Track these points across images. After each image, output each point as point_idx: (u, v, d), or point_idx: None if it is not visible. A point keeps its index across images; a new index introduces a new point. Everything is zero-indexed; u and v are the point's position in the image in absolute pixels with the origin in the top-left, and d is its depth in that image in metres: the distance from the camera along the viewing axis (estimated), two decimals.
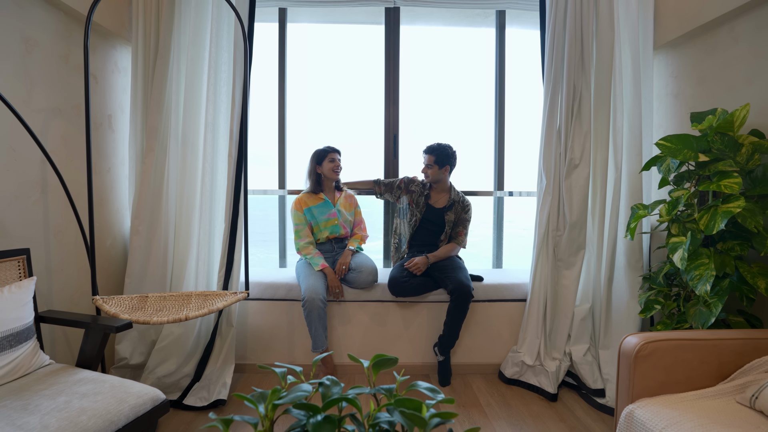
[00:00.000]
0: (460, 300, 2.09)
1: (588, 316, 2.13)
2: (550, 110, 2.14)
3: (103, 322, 1.25)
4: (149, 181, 2.00)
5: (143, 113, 2.05)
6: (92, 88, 1.92)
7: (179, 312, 1.59)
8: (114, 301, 1.62)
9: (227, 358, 2.05)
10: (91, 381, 1.11)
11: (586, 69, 2.08)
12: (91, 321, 1.26)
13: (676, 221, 1.56)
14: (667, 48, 2.11)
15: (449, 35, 2.93)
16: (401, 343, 2.32)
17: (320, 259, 2.20)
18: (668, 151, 1.52)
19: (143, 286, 2.02)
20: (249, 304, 2.29)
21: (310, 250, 2.23)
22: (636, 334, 1.24)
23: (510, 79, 2.71)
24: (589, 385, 2.01)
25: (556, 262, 2.17)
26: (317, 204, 2.28)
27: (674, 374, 1.17)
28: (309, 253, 2.22)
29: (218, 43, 2.05)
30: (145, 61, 2.04)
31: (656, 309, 1.69)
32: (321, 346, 2.07)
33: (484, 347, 2.33)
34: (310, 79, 2.84)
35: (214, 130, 2.05)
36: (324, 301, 2.05)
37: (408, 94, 2.73)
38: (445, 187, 2.39)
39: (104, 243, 2.02)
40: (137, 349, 2.01)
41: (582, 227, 2.10)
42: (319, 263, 2.18)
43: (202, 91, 2.09)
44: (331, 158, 2.29)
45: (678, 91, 2.06)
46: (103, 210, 2.01)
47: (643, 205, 1.68)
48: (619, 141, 2.05)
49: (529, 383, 2.13)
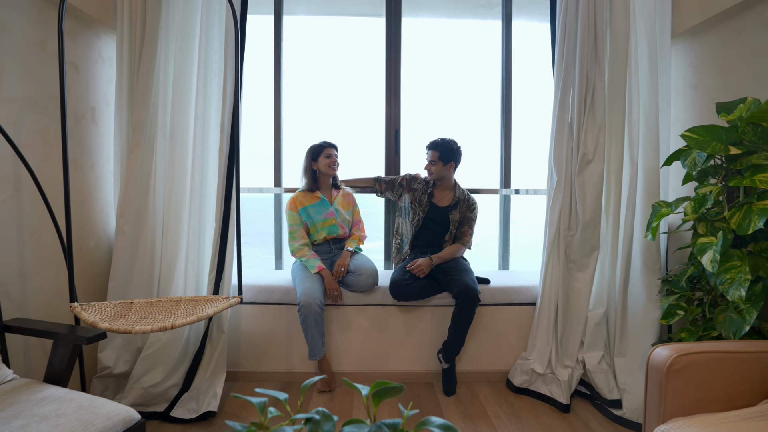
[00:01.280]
0: (466, 304, 1.96)
1: (602, 321, 2.00)
2: (562, 102, 2.01)
3: (72, 332, 1.13)
4: (135, 177, 1.88)
5: (129, 106, 1.93)
6: (73, 78, 1.79)
7: (165, 320, 1.47)
8: (94, 308, 1.49)
9: (218, 367, 1.92)
10: (56, 400, 0.98)
11: (600, 59, 1.96)
12: (59, 331, 1.14)
13: (703, 220, 1.43)
14: (686, 36, 1.99)
15: (453, 27, 2.81)
16: (403, 350, 2.19)
17: (316, 261, 2.07)
18: (695, 144, 1.39)
19: (128, 291, 1.89)
20: (243, 308, 2.16)
21: (305, 252, 2.10)
22: (665, 345, 1.11)
23: (517, 73, 2.59)
24: (605, 395, 1.88)
25: (567, 264, 2.04)
26: (313, 203, 2.16)
27: (711, 391, 1.04)
28: (304, 255, 2.09)
29: (209, 32, 1.93)
30: (130, 51, 1.91)
31: (679, 315, 1.56)
32: (318, 354, 1.95)
33: (491, 354, 2.20)
34: (307, 73, 2.73)
35: (204, 123, 1.93)
36: (321, 306, 1.93)
37: (410, 89, 2.61)
38: (450, 185, 2.26)
39: (87, 244, 1.89)
40: (122, 357, 1.88)
41: (595, 227, 1.98)
42: (316, 265, 2.05)
43: (191, 82, 1.96)
44: (327, 153, 2.17)
45: (698, 82, 1.93)
46: (86, 208, 1.88)
47: (666, 202, 1.56)
48: (635, 135, 1.92)
49: (540, 392, 2.01)
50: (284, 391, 2.05)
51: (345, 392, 2.05)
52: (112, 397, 1.86)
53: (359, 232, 2.28)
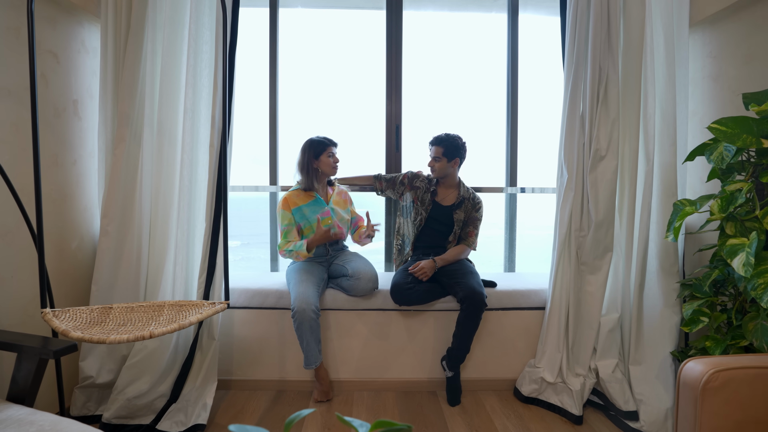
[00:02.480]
0: (471, 309, 1.84)
1: (616, 327, 1.88)
2: (573, 95, 1.90)
3: (38, 344, 1.01)
4: (120, 174, 1.76)
5: (114, 98, 1.81)
6: (53, 68, 1.68)
7: (144, 328, 1.35)
8: (68, 315, 1.38)
9: (208, 376, 1.81)
10: (16, 422, 0.87)
11: (614, 49, 1.84)
12: (23, 343, 1.02)
13: (732, 219, 1.32)
14: (704, 25, 1.88)
15: (456, 20, 2.70)
16: (405, 357, 2.08)
17: (301, 242, 1.93)
18: (724, 136, 1.28)
19: (113, 295, 1.78)
20: (235, 313, 2.05)
21: (290, 244, 1.95)
22: (699, 359, 1.00)
23: (523, 68, 2.48)
24: (620, 406, 1.76)
25: (579, 266, 1.93)
26: (308, 202, 2.03)
27: (753, 411, 0.93)
28: (290, 245, 1.95)
29: (199, 21, 1.82)
30: (116, 40, 1.80)
31: (703, 322, 1.45)
32: (314, 362, 1.83)
33: (498, 361, 2.08)
34: (304, 68, 2.62)
35: (193, 117, 1.81)
36: (316, 312, 1.81)
37: (411, 84, 2.50)
38: (454, 183, 2.15)
39: (69, 245, 1.78)
40: (105, 365, 1.77)
41: (609, 227, 1.86)
42: (302, 242, 1.92)
43: (180, 73, 1.85)
44: (330, 152, 2.04)
45: (718, 73, 1.82)
46: (68, 207, 1.77)
47: (689, 200, 1.44)
48: (650, 129, 1.81)
49: (550, 402, 1.89)
50: (278, 400, 1.94)
51: (343, 402, 1.94)
52: (95, 409, 1.75)
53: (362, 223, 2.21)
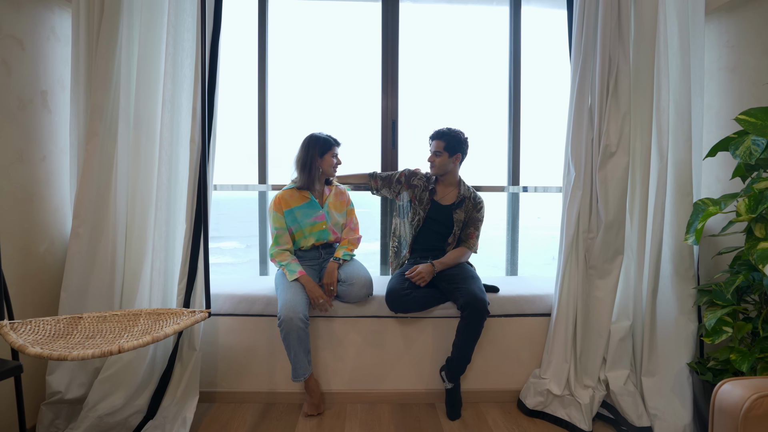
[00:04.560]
0: (473, 316, 1.72)
1: (627, 335, 1.76)
2: (580, 88, 1.78)
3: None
4: (93, 171, 1.63)
5: (86, 90, 1.68)
6: (17, 56, 1.54)
7: (114, 341, 1.22)
8: (29, 327, 1.24)
9: (189, 389, 1.67)
10: None
11: (624, 38, 1.72)
12: None
13: (761, 221, 1.20)
14: (721, 13, 1.76)
15: (455, 13, 2.57)
16: (401, 367, 1.95)
17: (297, 267, 1.82)
18: (753, 128, 1.16)
19: (85, 303, 1.64)
20: (220, 321, 1.91)
21: (285, 256, 1.85)
22: (736, 380, 0.88)
23: (526, 63, 2.36)
24: (632, 421, 1.64)
25: (587, 270, 1.80)
26: (301, 204, 1.89)
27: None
28: (284, 259, 1.84)
29: (179, 5, 1.68)
30: (88, 26, 1.66)
31: (727, 333, 1.33)
32: (303, 374, 1.70)
33: (501, 371, 1.96)
34: (296, 61, 2.51)
35: (173, 110, 1.68)
36: (305, 320, 1.68)
37: (408, 79, 2.37)
38: (454, 181, 2.02)
39: (37, 249, 1.64)
40: (76, 379, 1.63)
41: (620, 228, 1.74)
42: (296, 271, 1.80)
43: (159, 62, 1.72)
44: (333, 153, 1.90)
45: (736, 64, 1.70)
46: (36, 208, 1.63)
47: (712, 200, 1.32)
48: (664, 124, 1.69)
49: (556, 416, 1.77)
50: (266, 414, 1.81)
51: (335, 416, 1.81)
52: (64, 427, 1.61)
53: (351, 235, 2.00)
